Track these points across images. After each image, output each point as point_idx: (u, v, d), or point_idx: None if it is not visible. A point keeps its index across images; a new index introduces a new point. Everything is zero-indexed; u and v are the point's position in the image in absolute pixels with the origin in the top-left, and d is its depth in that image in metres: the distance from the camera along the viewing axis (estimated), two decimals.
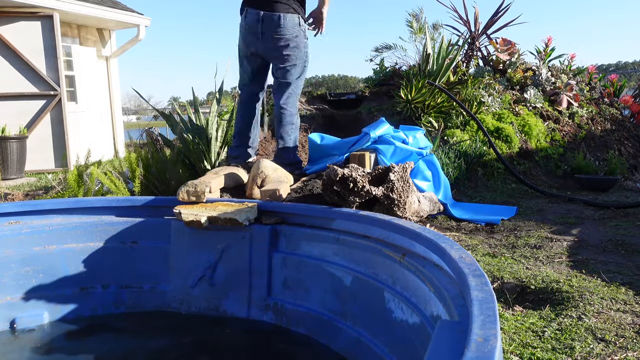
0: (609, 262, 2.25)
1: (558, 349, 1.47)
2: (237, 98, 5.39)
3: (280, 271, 2.30)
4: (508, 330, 1.61)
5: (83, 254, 2.45)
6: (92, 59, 8.58)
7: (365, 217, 2.03)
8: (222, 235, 2.36)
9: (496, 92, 4.98)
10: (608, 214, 3.18)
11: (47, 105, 6.78)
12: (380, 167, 2.37)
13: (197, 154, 3.42)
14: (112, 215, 2.55)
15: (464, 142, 4.10)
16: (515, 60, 5.62)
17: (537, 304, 1.84)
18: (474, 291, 1.14)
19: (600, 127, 5.29)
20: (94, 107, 8.55)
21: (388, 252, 1.88)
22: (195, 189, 2.47)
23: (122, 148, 8.58)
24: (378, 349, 1.81)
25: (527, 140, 4.66)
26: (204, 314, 2.35)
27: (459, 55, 5.32)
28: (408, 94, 4.30)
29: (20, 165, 6.12)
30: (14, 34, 6.58)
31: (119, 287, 2.47)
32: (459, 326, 1.14)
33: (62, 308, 2.38)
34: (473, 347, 0.88)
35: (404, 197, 2.31)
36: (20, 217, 2.45)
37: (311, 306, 2.18)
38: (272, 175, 2.77)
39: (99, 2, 7.87)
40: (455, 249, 1.45)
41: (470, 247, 2.51)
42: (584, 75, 6.11)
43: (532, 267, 2.18)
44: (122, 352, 2.13)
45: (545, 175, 4.44)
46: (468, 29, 5.81)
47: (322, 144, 3.37)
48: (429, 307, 1.52)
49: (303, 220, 2.33)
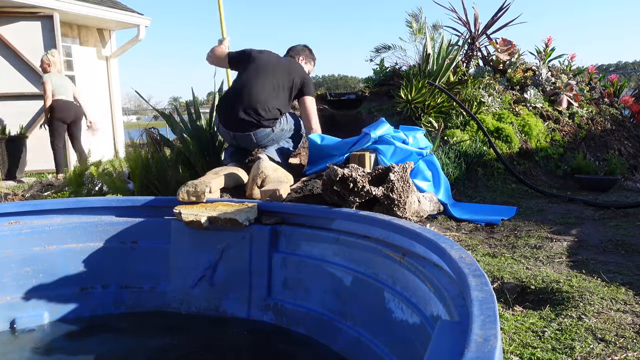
0: (609, 262, 2.25)
1: (558, 349, 1.47)
2: None
3: (280, 271, 2.30)
4: (508, 331, 1.61)
5: (83, 254, 2.45)
6: (92, 59, 8.58)
7: (365, 217, 2.03)
8: (222, 235, 2.36)
9: (496, 92, 4.98)
10: (608, 214, 3.18)
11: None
12: (380, 167, 2.37)
13: (196, 154, 3.42)
14: (112, 215, 2.55)
15: (464, 142, 4.10)
16: (515, 60, 5.62)
17: (537, 304, 1.84)
18: (474, 291, 1.14)
19: (600, 127, 5.29)
20: (94, 107, 8.56)
21: (388, 252, 1.88)
22: (196, 189, 2.47)
23: (122, 148, 8.57)
24: (378, 349, 1.81)
25: (527, 140, 4.66)
26: (204, 314, 2.35)
27: (459, 55, 5.32)
28: (408, 94, 4.30)
29: (20, 165, 6.12)
30: (14, 34, 6.58)
31: (119, 287, 2.47)
32: (459, 326, 1.13)
33: (62, 308, 2.38)
34: (473, 347, 0.88)
35: (404, 197, 2.31)
36: (20, 217, 2.45)
37: (311, 306, 2.18)
38: (272, 176, 2.77)
39: (99, 2, 7.87)
40: (456, 249, 1.45)
41: (470, 247, 2.51)
42: (584, 75, 6.11)
43: (532, 267, 2.18)
44: (122, 352, 2.13)
45: (545, 175, 4.44)
46: (468, 30, 5.81)
47: (322, 144, 3.37)
48: (429, 307, 1.52)
49: (303, 221, 2.33)
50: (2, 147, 5.94)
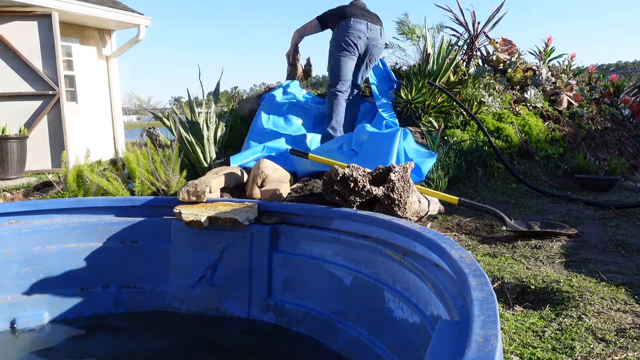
0: (609, 262, 2.25)
1: (558, 349, 1.47)
2: (236, 98, 5.38)
3: (281, 271, 2.30)
4: (508, 330, 1.61)
5: (83, 254, 2.45)
6: (93, 58, 8.58)
7: (366, 217, 2.03)
8: (222, 235, 2.36)
9: (496, 92, 4.97)
10: (608, 214, 3.17)
11: (46, 105, 6.77)
12: (381, 167, 2.37)
13: (195, 154, 3.42)
14: (112, 215, 2.55)
15: (464, 142, 4.10)
16: (516, 60, 5.61)
17: (538, 304, 1.84)
18: (474, 291, 1.14)
19: (600, 127, 5.29)
20: (95, 107, 8.55)
21: (388, 252, 1.88)
22: (196, 188, 2.47)
23: (122, 148, 8.57)
24: (378, 349, 1.81)
25: (527, 140, 4.66)
26: (205, 314, 2.35)
27: (459, 55, 5.32)
28: (408, 94, 4.30)
29: (20, 165, 6.12)
30: (12, 34, 6.57)
31: (119, 287, 2.47)
32: (459, 326, 1.14)
33: (63, 308, 2.38)
34: (474, 347, 0.88)
35: (405, 197, 2.31)
36: (21, 217, 2.45)
37: (311, 306, 2.18)
38: (273, 175, 2.77)
39: (99, 2, 7.86)
40: (456, 249, 1.45)
41: (470, 247, 2.51)
42: (584, 75, 6.11)
43: (532, 267, 2.18)
44: (122, 352, 2.13)
45: (546, 175, 4.44)
46: (466, 30, 5.81)
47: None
48: (429, 307, 1.52)
49: (303, 220, 2.33)
50: (2, 147, 5.94)
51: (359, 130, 3.27)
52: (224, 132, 3.80)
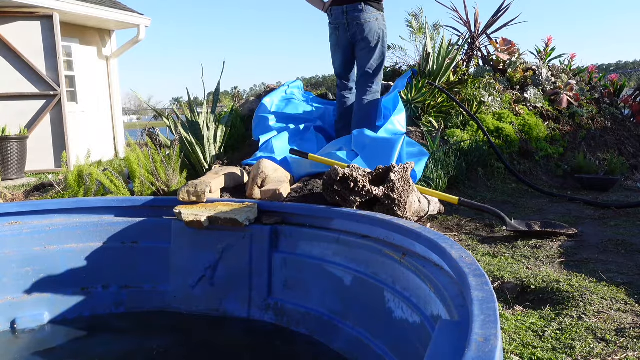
0: (609, 261, 2.25)
1: (558, 349, 1.47)
2: (236, 98, 5.38)
3: (281, 271, 2.30)
4: (508, 330, 1.61)
5: (83, 254, 2.45)
6: (93, 59, 8.58)
7: (366, 217, 2.03)
8: (222, 235, 2.36)
9: (496, 92, 4.97)
10: (608, 214, 3.17)
11: (47, 105, 6.77)
12: (381, 167, 2.37)
13: (195, 154, 3.42)
14: (112, 215, 2.55)
15: (464, 142, 4.10)
16: (516, 60, 5.61)
17: (538, 304, 1.84)
18: (474, 291, 1.14)
19: (600, 127, 5.29)
20: (95, 107, 8.56)
21: (388, 252, 1.88)
22: (196, 189, 2.47)
23: (122, 148, 8.57)
24: (378, 349, 1.81)
25: (527, 140, 4.66)
26: (205, 314, 2.35)
27: (459, 55, 5.32)
28: (408, 93, 4.30)
29: (20, 165, 6.12)
30: (13, 34, 6.58)
31: (119, 287, 2.47)
32: (459, 326, 1.14)
33: (63, 308, 2.38)
34: (474, 347, 0.88)
35: (405, 197, 2.31)
36: (21, 217, 2.45)
37: (311, 306, 2.18)
38: (273, 176, 2.78)
39: (99, 2, 7.87)
40: (456, 249, 1.45)
41: (470, 247, 2.51)
42: (584, 75, 6.11)
43: (532, 267, 2.18)
44: (122, 352, 2.13)
45: (546, 175, 4.44)
46: (468, 29, 5.80)
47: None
48: (429, 307, 1.52)
49: (303, 220, 2.33)
50: (3, 147, 5.94)
51: (360, 133, 3.27)
52: (224, 132, 3.80)
